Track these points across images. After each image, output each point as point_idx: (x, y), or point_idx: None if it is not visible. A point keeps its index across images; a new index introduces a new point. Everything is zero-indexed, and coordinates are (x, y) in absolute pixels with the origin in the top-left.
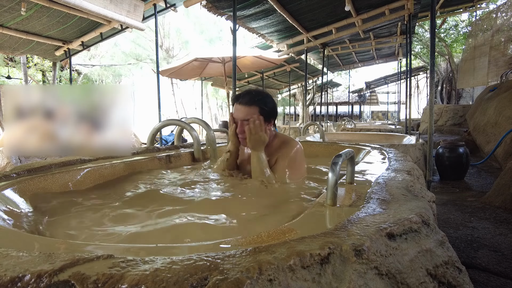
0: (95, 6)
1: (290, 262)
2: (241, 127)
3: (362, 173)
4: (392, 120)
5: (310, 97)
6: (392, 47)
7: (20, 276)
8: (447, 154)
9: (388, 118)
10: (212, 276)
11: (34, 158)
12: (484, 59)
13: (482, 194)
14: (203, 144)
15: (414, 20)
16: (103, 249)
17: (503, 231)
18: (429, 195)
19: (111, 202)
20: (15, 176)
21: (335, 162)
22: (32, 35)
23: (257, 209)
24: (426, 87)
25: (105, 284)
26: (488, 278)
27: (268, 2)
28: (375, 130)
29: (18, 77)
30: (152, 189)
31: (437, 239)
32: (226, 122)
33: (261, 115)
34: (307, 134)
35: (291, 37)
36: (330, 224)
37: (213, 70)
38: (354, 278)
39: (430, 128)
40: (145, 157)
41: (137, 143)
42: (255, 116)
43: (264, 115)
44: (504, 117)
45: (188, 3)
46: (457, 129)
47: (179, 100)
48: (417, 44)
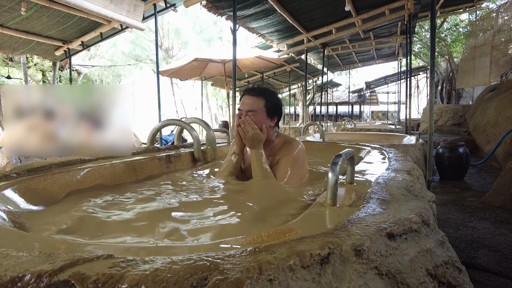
0: (95, 6)
1: (290, 262)
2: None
3: (362, 173)
4: (392, 120)
5: (310, 97)
6: (392, 47)
7: (20, 276)
8: (447, 154)
9: (388, 118)
10: (212, 276)
11: (34, 158)
12: (485, 59)
13: (482, 194)
14: (203, 144)
15: (414, 20)
16: (103, 249)
17: (503, 231)
18: (429, 195)
19: (111, 202)
20: (15, 176)
21: (335, 162)
22: (32, 35)
23: (257, 209)
24: (426, 87)
25: (105, 284)
26: (488, 278)
27: (268, 2)
28: (375, 130)
29: (18, 77)
30: (152, 189)
31: (437, 239)
32: (226, 122)
33: (266, 108)
34: (307, 134)
35: (291, 37)
36: (330, 224)
37: (213, 70)
38: (354, 278)
39: (430, 128)
40: (145, 157)
41: (137, 143)
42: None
43: (269, 109)
44: (504, 117)
45: (188, 3)
46: (457, 129)
47: (179, 100)
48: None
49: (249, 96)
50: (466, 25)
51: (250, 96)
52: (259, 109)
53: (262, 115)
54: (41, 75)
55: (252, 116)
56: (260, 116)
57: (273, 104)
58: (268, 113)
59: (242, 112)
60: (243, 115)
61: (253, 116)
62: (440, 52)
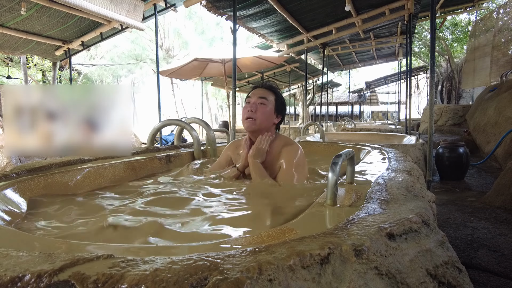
0: (95, 6)
1: (290, 262)
2: (255, 104)
3: (362, 173)
4: (392, 120)
5: (310, 97)
6: (392, 47)
7: (20, 276)
8: (447, 154)
9: (388, 118)
10: (212, 276)
11: (34, 158)
12: (486, 59)
13: (482, 194)
14: (203, 144)
15: (414, 20)
16: (103, 249)
17: (503, 231)
18: (429, 195)
19: (111, 202)
20: (15, 176)
21: (335, 162)
22: (32, 35)
23: (257, 209)
24: (426, 87)
25: (105, 284)
26: (488, 278)
27: (268, 2)
28: (375, 130)
29: (18, 77)
30: (151, 189)
31: (437, 239)
32: (226, 122)
33: (275, 103)
34: (307, 134)
35: (291, 37)
36: (330, 224)
37: (213, 70)
38: (354, 278)
39: (430, 128)
40: (145, 157)
41: (137, 143)
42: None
43: (277, 105)
44: (504, 117)
45: (188, 3)
46: (457, 129)
47: (179, 100)
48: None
49: (261, 88)
50: (466, 24)
51: (262, 88)
52: (270, 101)
53: (271, 107)
54: (41, 75)
55: (263, 105)
56: (269, 107)
57: (281, 102)
58: (276, 108)
59: (251, 103)
60: (254, 101)
61: (264, 105)
62: (440, 52)
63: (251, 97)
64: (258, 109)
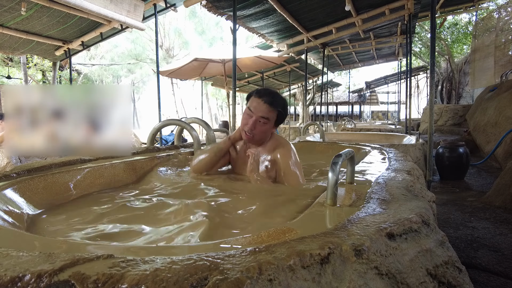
0: (95, 6)
1: (290, 262)
2: (255, 123)
3: (362, 173)
4: (392, 120)
5: (310, 97)
6: (392, 47)
7: (20, 276)
8: (447, 154)
9: (388, 118)
10: (212, 276)
11: (34, 158)
12: (491, 59)
13: (482, 194)
14: (203, 144)
15: (414, 20)
16: (103, 249)
17: (503, 231)
18: (429, 195)
19: (112, 202)
20: (15, 176)
21: (335, 162)
22: (32, 35)
23: (257, 209)
24: (426, 87)
25: (105, 284)
26: (488, 278)
27: (268, 2)
28: (375, 130)
29: (18, 77)
30: (151, 188)
31: (437, 239)
32: (226, 122)
33: (276, 118)
34: (307, 134)
35: (291, 37)
36: (330, 224)
37: (213, 70)
38: (354, 278)
39: (430, 128)
40: (145, 157)
41: (137, 143)
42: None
43: (278, 120)
44: (504, 117)
45: (188, 3)
46: (457, 129)
47: (179, 100)
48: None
49: (265, 104)
50: (466, 24)
51: (266, 104)
52: (271, 119)
53: (272, 123)
54: (41, 75)
55: (263, 123)
56: (269, 125)
57: (283, 116)
58: (276, 122)
59: (252, 120)
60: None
61: (264, 124)
62: (440, 52)
63: (253, 111)
64: (257, 127)
